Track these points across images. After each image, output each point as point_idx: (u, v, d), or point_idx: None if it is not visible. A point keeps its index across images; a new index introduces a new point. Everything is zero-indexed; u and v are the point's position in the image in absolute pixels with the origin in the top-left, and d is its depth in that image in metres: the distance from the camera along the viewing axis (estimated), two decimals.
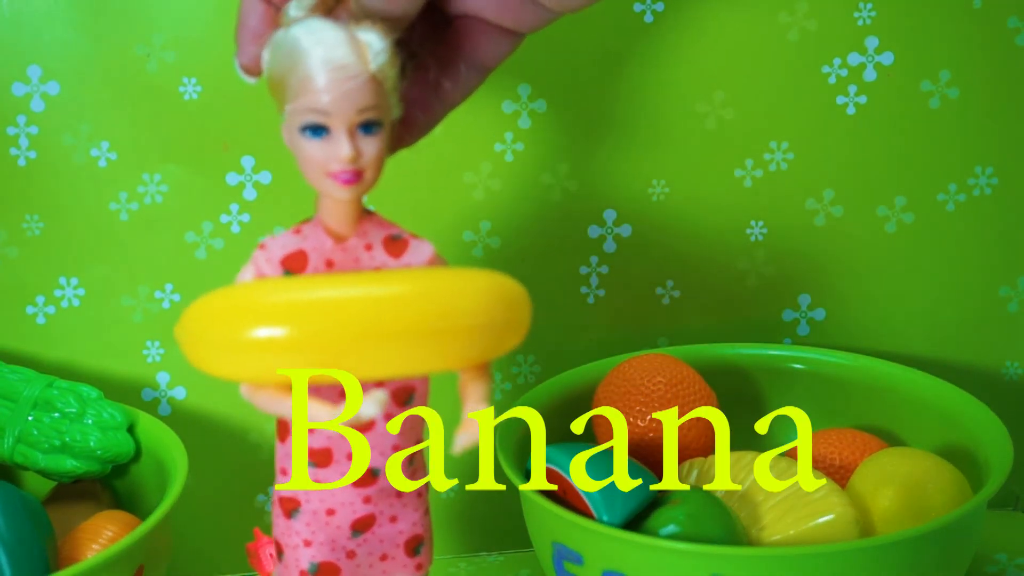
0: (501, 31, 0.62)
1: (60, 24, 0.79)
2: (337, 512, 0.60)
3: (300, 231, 0.58)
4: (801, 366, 0.84)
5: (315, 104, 0.54)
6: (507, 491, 0.75)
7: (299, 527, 0.60)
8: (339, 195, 0.56)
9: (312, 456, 0.59)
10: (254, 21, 0.58)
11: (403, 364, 0.55)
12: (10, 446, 0.76)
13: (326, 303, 0.54)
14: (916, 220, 0.88)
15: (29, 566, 0.67)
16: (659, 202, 0.86)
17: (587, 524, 0.67)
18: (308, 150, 0.55)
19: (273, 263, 0.57)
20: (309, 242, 0.58)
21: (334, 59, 0.54)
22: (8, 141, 0.80)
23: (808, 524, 0.68)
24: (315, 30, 0.55)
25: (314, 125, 0.55)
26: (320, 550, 0.61)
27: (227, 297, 0.55)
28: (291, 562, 0.61)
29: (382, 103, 0.55)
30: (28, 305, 0.83)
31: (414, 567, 0.63)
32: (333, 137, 0.55)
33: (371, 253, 0.58)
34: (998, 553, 0.84)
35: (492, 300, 0.56)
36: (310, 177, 0.56)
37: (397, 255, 0.58)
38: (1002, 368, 0.90)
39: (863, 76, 0.85)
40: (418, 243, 0.59)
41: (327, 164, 0.55)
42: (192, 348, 0.55)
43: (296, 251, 0.57)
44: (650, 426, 0.76)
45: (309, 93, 0.54)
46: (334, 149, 0.55)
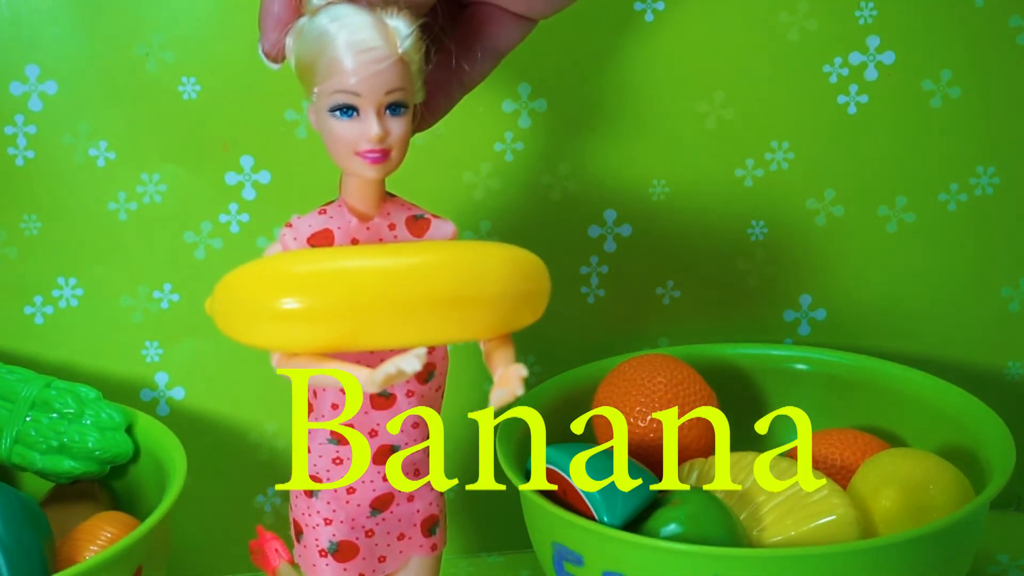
0: (514, 17, 0.64)
1: (59, 23, 0.79)
2: (357, 491, 0.61)
3: (325, 211, 0.60)
4: (802, 366, 0.84)
5: (345, 85, 0.56)
6: (507, 491, 0.75)
7: (320, 506, 0.61)
8: (367, 173, 0.58)
9: (334, 433, 0.60)
10: (277, 8, 0.59)
11: (427, 332, 0.57)
12: (8, 447, 0.76)
13: (353, 272, 0.56)
14: (917, 220, 0.87)
15: (27, 567, 0.67)
16: (659, 202, 0.86)
17: (587, 525, 0.67)
18: (338, 130, 0.57)
19: (300, 241, 0.59)
20: (335, 221, 0.59)
21: (363, 41, 0.56)
22: (6, 141, 0.80)
23: (809, 525, 0.68)
24: (340, 15, 0.57)
25: (344, 105, 0.56)
26: (340, 528, 0.62)
27: (258, 268, 0.56)
28: (310, 541, 0.62)
29: (408, 85, 0.57)
30: (26, 305, 0.83)
31: (429, 547, 0.64)
32: (362, 117, 0.57)
33: (394, 232, 0.60)
34: (1000, 554, 0.84)
35: (512, 270, 0.58)
36: (338, 157, 0.58)
37: (420, 234, 0.60)
38: (1004, 368, 0.90)
39: (864, 75, 0.85)
40: (440, 223, 0.61)
41: (356, 143, 0.57)
42: (225, 318, 0.57)
43: (322, 230, 0.59)
44: (650, 426, 0.76)
45: (339, 75, 0.56)
46: (363, 128, 0.57)
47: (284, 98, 0.82)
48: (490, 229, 0.85)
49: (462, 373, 0.88)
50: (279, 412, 0.86)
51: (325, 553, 0.62)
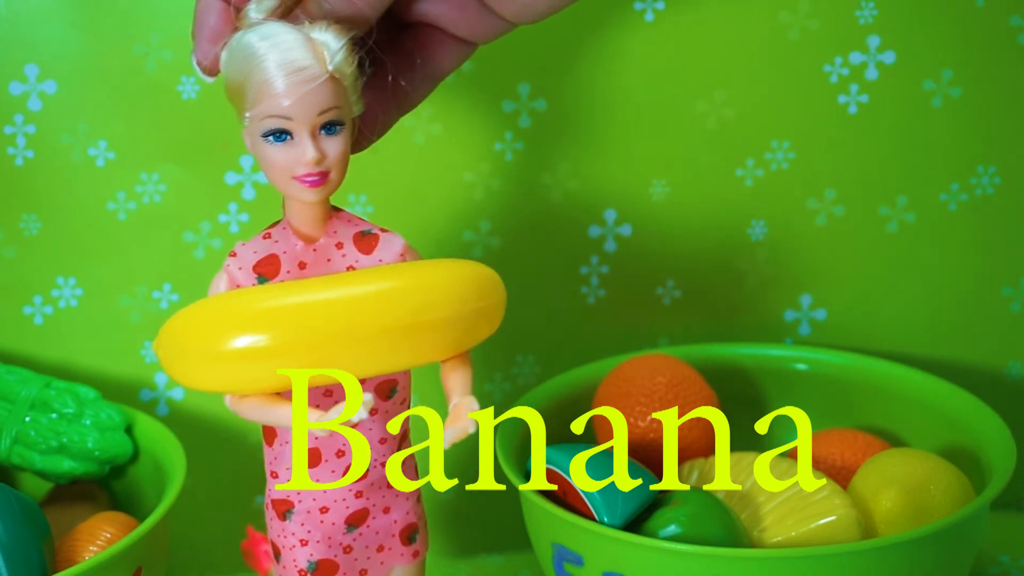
0: (457, 41, 0.63)
1: (58, 23, 0.79)
2: (331, 509, 0.60)
3: (270, 235, 0.59)
4: (803, 366, 0.84)
5: (276, 109, 0.54)
6: (507, 491, 0.75)
7: (294, 527, 0.61)
8: (306, 197, 0.57)
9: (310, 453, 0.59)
10: (213, 20, 0.58)
11: (382, 361, 0.56)
12: (7, 447, 0.76)
13: (303, 307, 0.54)
14: (918, 220, 0.87)
15: (27, 568, 0.67)
16: (659, 202, 0.86)
17: (587, 525, 0.67)
18: (272, 155, 0.56)
19: (246, 269, 0.58)
20: (280, 245, 0.58)
21: (292, 61, 0.54)
22: (5, 140, 0.80)
23: (809, 525, 0.68)
24: (270, 34, 0.55)
25: (276, 130, 0.55)
26: (317, 548, 0.61)
27: (204, 309, 0.55)
28: (288, 562, 0.61)
29: (342, 102, 0.56)
30: (25, 305, 0.83)
31: (411, 555, 0.63)
32: (296, 141, 0.55)
33: (342, 251, 0.59)
34: (1001, 555, 0.84)
35: (466, 290, 0.57)
36: (276, 182, 0.56)
37: (368, 251, 0.59)
38: (1005, 368, 0.90)
39: (865, 75, 0.85)
40: (388, 236, 0.59)
41: (292, 168, 0.56)
42: (172, 363, 0.55)
43: (268, 256, 0.58)
44: (650, 426, 0.76)
45: (269, 98, 0.54)
46: (298, 153, 0.55)
47: None
48: (490, 229, 0.85)
49: None
50: None
51: (304, 573, 0.61)
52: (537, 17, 0.61)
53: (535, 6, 0.61)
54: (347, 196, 0.83)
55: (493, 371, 0.87)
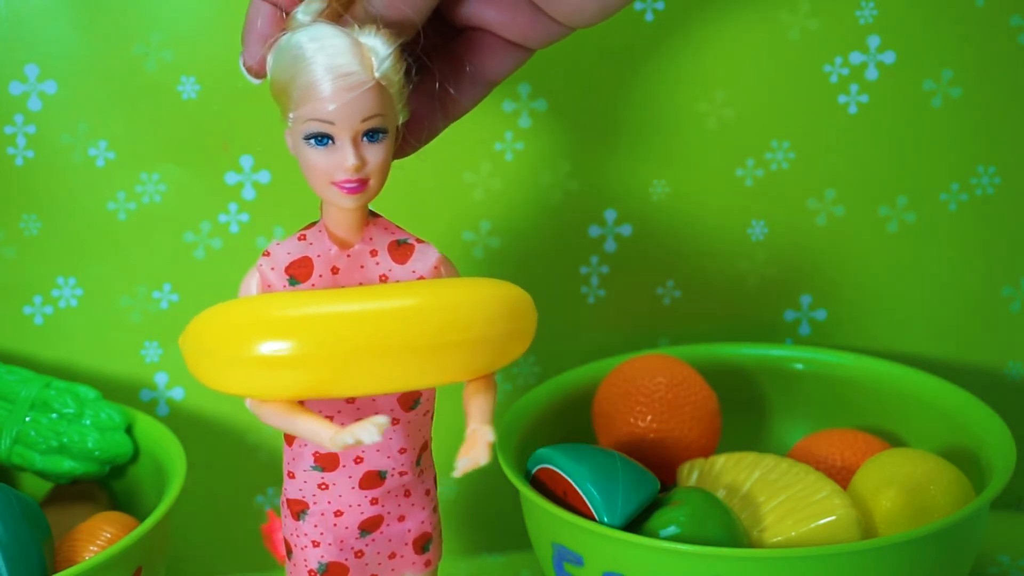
0: (509, 45, 0.62)
1: (58, 23, 0.79)
2: (345, 514, 0.60)
3: (305, 237, 0.58)
4: (803, 367, 0.84)
5: (319, 113, 0.54)
6: (507, 491, 0.75)
7: (307, 528, 0.61)
8: (344, 203, 0.56)
9: (319, 460, 0.59)
10: (261, 23, 0.57)
11: (407, 378, 0.55)
12: (7, 447, 0.76)
13: (331, 318, 0.54)
14: (918, 220, 0.87)
15: (27, 568, 0.67)
16: (659, 202, 0.86)
17: (587, 525, 0.67)
18: (313, 159, 0.55)
19: (278, 271, 0.57)
20: (314, 248, 0.58)
21: (338, 66, 0.54)
22: (5, 140, 0.80)
23: (809, 525, 0.68)
24: (319, 36, 0.55)
25: (318, 134, 0.55)
26: (328, 551, 0.61)
27: (233, 312, 0.55)
28: (300, 561, 0.61)
29: (387, 110, 0.55)
30: (25, 305, 0.83)
31: (423, 564, 0.63)
32: (337, 146, 0.55)
33: (376, 259, 0.58)
34: (1001, 555, 0.84)
35: (497, 311, 0.56)
36: (315, 185, 0.56)
37: (403, 260, 0.58)
38: (1005, 368, 0.90)
39: (865, 75, 0.85)
40: (424, 247, 0.59)
41: (332, 173, 0.55)
42: (196, 362, 0.55)
43: (301, 258, 0.57)
44: (650, 426, 0.76)
45: (313, 102, 0.54)
46: (339, 158, 0.55)
47: None
48: (490, 229, 0.85)
49: None
50: None
51: (314, 573, 0.61)
52: (591, 20, 0.60)
53: (586, 8, 0.59)
54: None
55: None
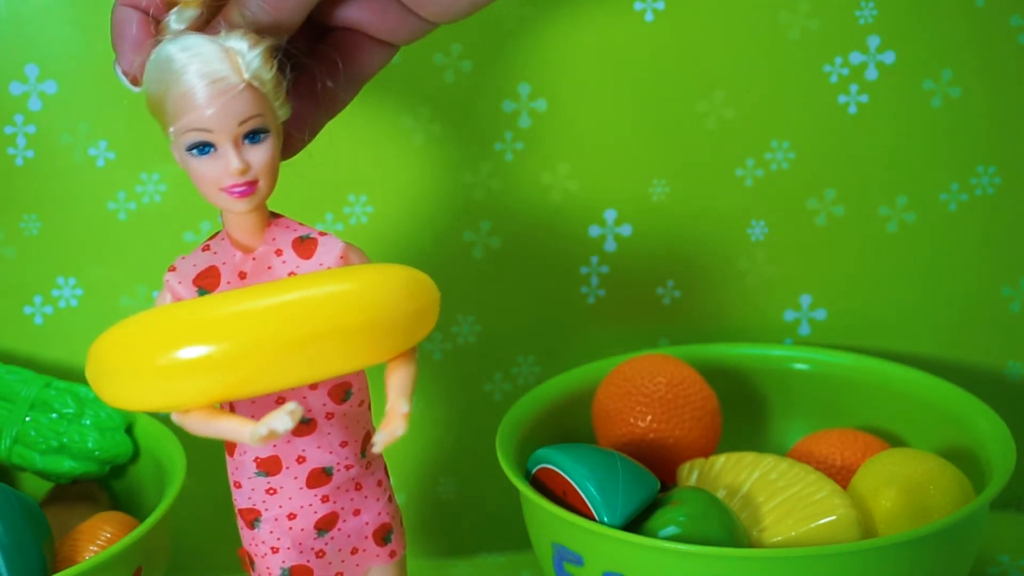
0: (378, 43, 0.63)
1: (58, 22, 0.79)
2: (298, 516, 0.60)
3: (209, 247, 0.59)
4: (802, 366, 0.84)
5: (197, 123, 0.54)
6: (507, 491, 0.75)
7: (263, 536, 0.61)
8: (237, 208, 0.57)
9: (261, 465, 0.59)
10: (133, 29, 0.57)
11: (317, 368, 0.55)
12: (7, 447, 0.76)
13: (240, 315, 0.54)
14: (918, 220, 0.87)
15: (27, 568, 0.67)
16: (659, 202, 0.86)
17: (587, 525, 0.67)
18: (199, 168, 0.56)
19: (186, 283, 0.58)
20: (219, 256, 0.58)
21: (210, 72, 0.54)
22: (5, 140, 0.80)
23: (809, 525, 0.68)
24: (189, 46, 0.55)
25: (199, 143, 0.55)
26: (288, 555, 0.61)
27: (137, 325, 0.54)
28: (263, 570, 0.61)
29: (264, 110, 0.55)
30: (26, 305, 0.83)
31: (387, 555, 0.63)
32: (220, 152, 0.55)
33: (282, 258, 0.59)
34: (1001, 555, 0.84)
35: (396, 292, 0.56)
36: (206, 194, 0.57)
37: (308, 255, 0.59)
38: (1004, 368, 0.90)
39: (864, 75, 0.85)
40: (327, 239, 0.59)
41: (219, 180, 0.56)
42: (102, 383, 0.55)
43: (207, 268, 0.58)
44: (650, 426, 0.76)
45: (190, 111, 0.54)
46: (223, 164, 0.55)
47: None
48: (490, 229, 0.85)
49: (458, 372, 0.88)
50: None
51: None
52: (458, 16, 0.61)
53: (456, 5, 0.60)
54: (347, 196, 0.83)
55: (493, 371, 0.87)
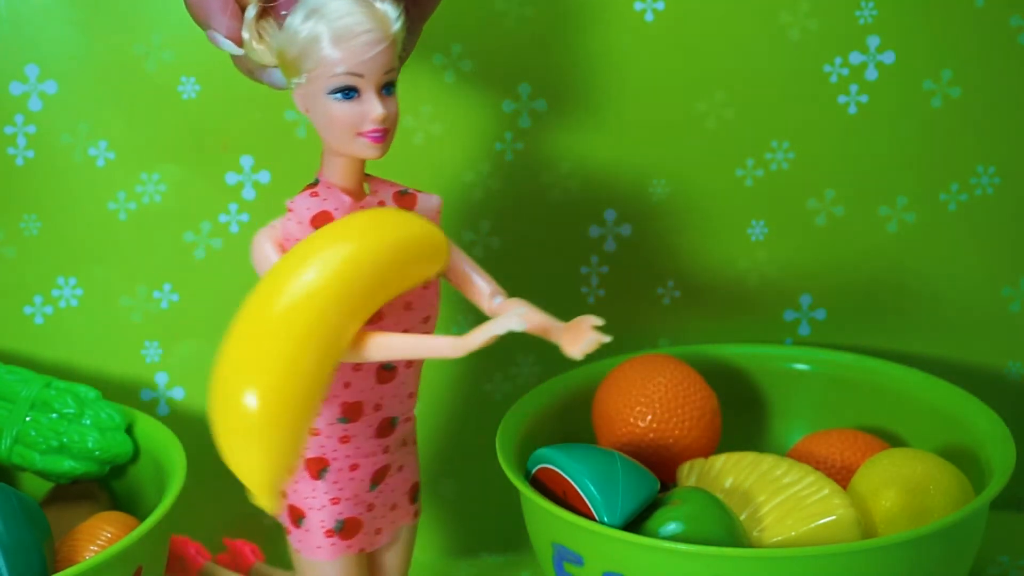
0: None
1: (58, 23, 0.79)
2: (360, 466, 0.63)
3: (317, 194, 0.61)
4: (802, 366, 0.84)
5: (352, 66, 0.58)
6: (507, 491, 0.75)
7: (327, 486, 0.63)
8: (370, 153, 0.60)
9: (346, 412, 0.62)
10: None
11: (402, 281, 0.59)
12: (8, 447, 0.76)
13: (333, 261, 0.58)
14: (918, 220, 0.87)
15: (27, 567, 0.67)
16: (659, 202, 0.86)
17: (587, 525, 0.67)
18: (339, 111, 0.59)
19: (304, 224, 0.61)
20: (329, 203, 0.61)
21: (362, 23, 0.58)
22: (6, 140, 0.80)
23: (809, 525, 0.68)
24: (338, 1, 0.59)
25: (346, 87, 0.58)
26: (346, 506, 0.64)
27: (241, 337, 0.57)
28: (314, 524, 0.64)
29: (397, 65, 0.60)
30: (26, 305, 0.83)
31: (413, 514, 0.66)
32: (363, 98, 0.59)
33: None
34: (1001, 555, 0.84)
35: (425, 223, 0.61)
36: (337, 138, 0.60)
37: (409, 208, 0.63)
38: (1004, 368, 0.90)
39: (864, 75, 0.85)
40: (426, 196, 0.64)
41: (359, 124, 0.59)
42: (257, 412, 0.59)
43: (321, 211, 0.61)
44: (650, 427, 0.76)
45: (342, 56, 0.58)
46: (366, 109, 0.59)
47: (284, 98, 0.82)
48: (490, 229, 0.85)
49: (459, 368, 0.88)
50: None
51: (331, 533, 0.63)
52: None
53: None
54: None
55: (493, 371, 0.87)
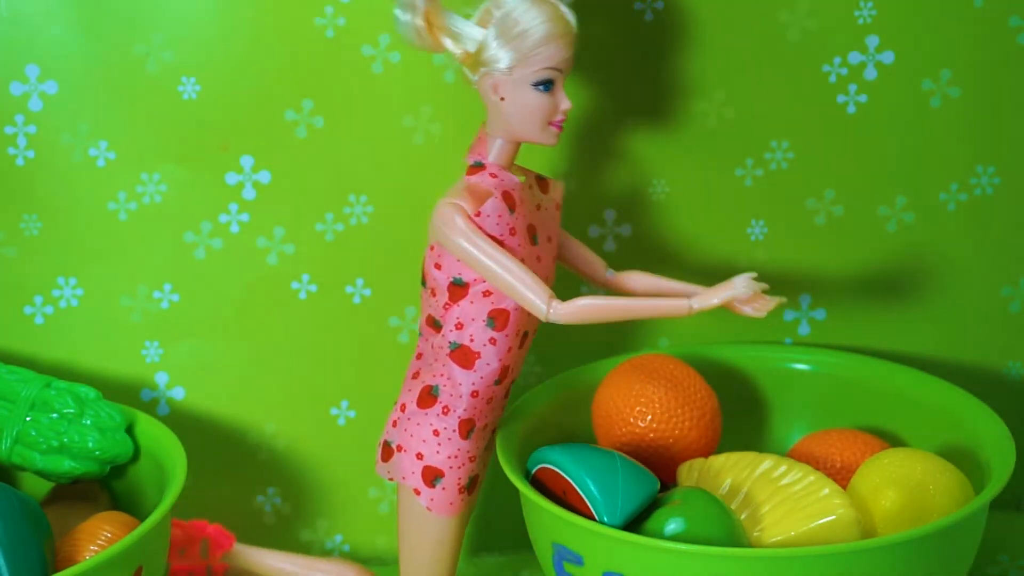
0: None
1: (59, 23, 0.79)
2: (487, 425, 0.72)
3: (495, 175, 0.69)
4: (802, 366, 0.84)
5: (554, 62, 0.66)
6: (507, 491, 0.75)
7: (469, 446, 0.71)
8: (552, 141, 0.69)
9: (502, 374, 0.70)
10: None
11: None
12: (8, 447, 0.76)
13: None
14: (917, 220, 0.87)
15: (27, 567, 0.67)
16: (659, 202, 0.86)
17: (587, 525, 0.67)
18: (538, 102, 0.67)
19: (498, 199, 0.68)
20: (505, 183, 0.69)
21: (564, 23, 0.66)
22: (6, 140, 0.80)
23: (809, 525, 0.68)
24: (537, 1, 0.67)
25: (548, 80, 0.66)
26: (477, 464, 0.72)
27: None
28: (451, 483, 0.70)
29: None
30: (26, 305, 0.83)
31: None
32: (555, 90, 0.67)
33: (533, 191, 0.71)
34: (1000, 554, 0.84)
35: None
36: (530, 126, 0.68)
37: (547, 191, 0.73)
38: (1004, 368, 0.90)
39: (864, 75, 0.85)
40: (555, 182, 0.74)
41: (552, 114, 0.67)
42: None
43: (504, 190, 0.69)
44: (650, 427, 0.76)
45: (551, 52, 0.66)
46: (558, 101, 0.67)
47: (284, 98, 0.82)
48: None
49: None
50: (279, 412, 0.86)
51: (463, 489, 0.70)
52: None
53: None
54: (347, 196, 0.83)
55: None
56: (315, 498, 0.87)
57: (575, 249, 0.75)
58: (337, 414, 0.87)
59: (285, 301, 0.85)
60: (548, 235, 0.72)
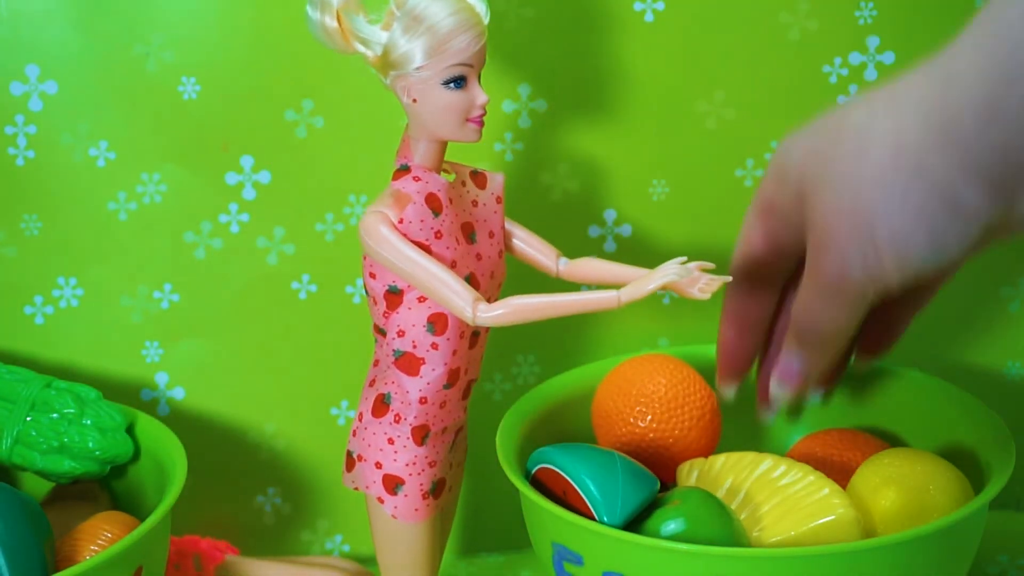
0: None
1: (59, 23, 0.79)
2: (447, 428, 0.69)
3: (419, 178, 0.66)
4: None
5: (462, 58, 0.64)
6: (507, 491, 0.75)
7: (427, 451, 0.69)
8: (473, 137, 0.65)
9: (450, 377, 0.67)
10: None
11: None
12: (8, 447, 0.76)
13: None
14: None
15: (27, 567, 0.67)
16: (659, 202, 0.86)
17: (587, 525, 0.67)
18: (451, 100, 0.64)
19: (420, 205, 0.65)
20: (431, 185, 0.66)
21: (471, 19, 0.64)
22: (6, 140, 0.80)
23: (809, 525, 0.68)
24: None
25: (459, 77, 0.64)
26: (439, 468, 0.70)
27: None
28: (413, 489, 0.68)
29: None
30: (26, 305, 0.83)
31: (461, 475, 0.74)
32: (468, 87, 0.64)
33: (466, 187, 0.69)
34: (1000, 554, 0.84)
35: None
36: (448, 125, 0.65)
37: (483, 186, 0.70)
38: (1004, 368, 0.90)
39: (864, 76, 0.85)
40: (492, 175, 0.70)
41: (469, 110, 0.65)
42: None
43: (429, 192, 0.66)
44: (650, 427, 0.76)
45: (457, 49, 0.63)
46: (473, 97, 0.65)
47: (284, 98, 0.82)
48: None
49: None
50: (279, 412, 0.86)
51: (427, 495, 0.68)
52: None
53: None
54: (347, 196, 0.83)
55: (493, 371, 0.87)
56: (315, 498, 0.88)
57: (526, 240, 0.73)
58: (337, 414, 0.87)
59: (285, 301, 0.85)
60: (489, 230, 0.70)
